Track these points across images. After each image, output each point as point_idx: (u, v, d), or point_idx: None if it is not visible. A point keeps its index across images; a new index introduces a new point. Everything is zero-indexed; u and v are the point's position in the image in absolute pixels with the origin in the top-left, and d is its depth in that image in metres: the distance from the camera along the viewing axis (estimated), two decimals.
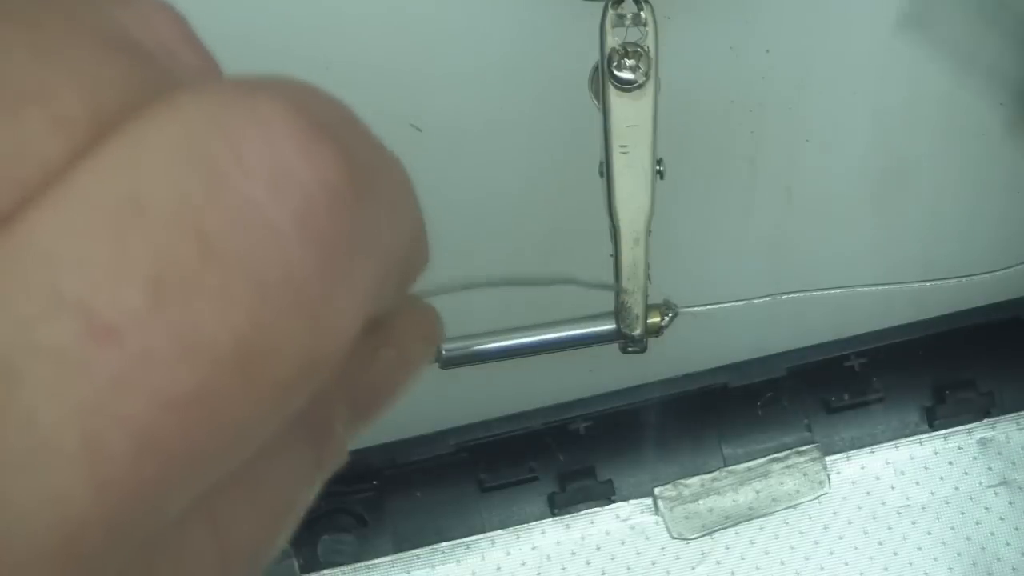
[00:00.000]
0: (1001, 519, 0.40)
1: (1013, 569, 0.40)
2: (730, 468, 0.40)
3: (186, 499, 0.14)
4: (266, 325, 0.14)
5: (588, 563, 0.39)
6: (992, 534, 0.40)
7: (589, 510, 0.40)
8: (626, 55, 0.33)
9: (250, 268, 0.14)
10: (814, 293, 0.37)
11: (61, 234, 0.13)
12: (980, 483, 0.40)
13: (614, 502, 0.40)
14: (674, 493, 0.40)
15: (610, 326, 0.33)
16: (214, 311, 0.13)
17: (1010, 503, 0.40)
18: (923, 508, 0.40)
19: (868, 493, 0.40)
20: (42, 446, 0.13)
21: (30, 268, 0.13)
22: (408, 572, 0.39)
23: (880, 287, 0.39)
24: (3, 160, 0.13)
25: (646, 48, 0.33)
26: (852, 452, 0.41)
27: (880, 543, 0.40)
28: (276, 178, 0.14)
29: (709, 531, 0.39)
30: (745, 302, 0.35)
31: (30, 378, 0.13)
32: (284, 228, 0.14)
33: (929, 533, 0.40)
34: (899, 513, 0.40)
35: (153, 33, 0.15)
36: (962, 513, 0.40)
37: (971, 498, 0.40)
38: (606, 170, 0.33)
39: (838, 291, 0.37)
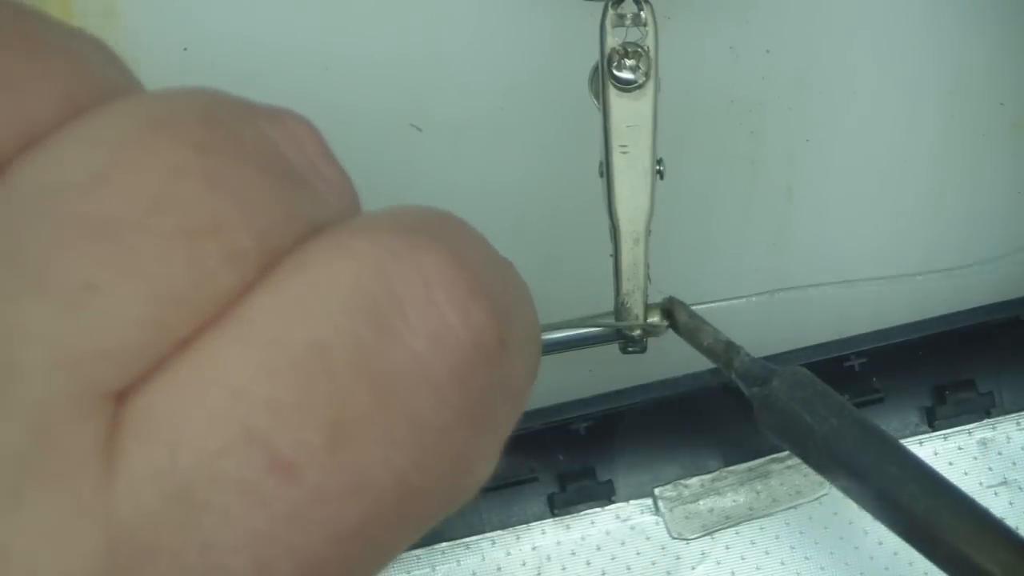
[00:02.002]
0: (1001, 519, 0.40)
1: None
2: (730, 468, 0.40)
3: None
4: (423, 468, 0.15)
5: (588, 563, 0.39)
6: None
7: (589, 510, 0.40)
8: (626, 55, 0.33)
9: (412, 414, 0.15)
10: (812, 289, 0.37)
11: (252, 373, 0.14)
12: (980, 483, 0.40)
13: (614, 502, 0.40)
14: (674, 493, 0.40)
15: None
16: (382, 453, 0.15)
17: (1010, 503, 0.40)
18: None
19: None
20: (216, 569, 0.14)
21: (219, 401, 0.14)
22: (408, 572, 0.39)
23: (879, 280, 0.39)
24: (185, 291, 0.14)
25: (646, 48, 0.33)
26: None
27: (880, 543, 0.40)
28: (436, 336, 0.15)
29: (709, 531, 0.39)
30: (744, 299, 0.35)
31: (212, 506, 0.13)
32: (441, 380, 0.15)
33: None
34: None
35: (301, 151, 0.16)
36: None
37: None
38: (606, 170, 0.33)
39: (836, 284, 0.37)
